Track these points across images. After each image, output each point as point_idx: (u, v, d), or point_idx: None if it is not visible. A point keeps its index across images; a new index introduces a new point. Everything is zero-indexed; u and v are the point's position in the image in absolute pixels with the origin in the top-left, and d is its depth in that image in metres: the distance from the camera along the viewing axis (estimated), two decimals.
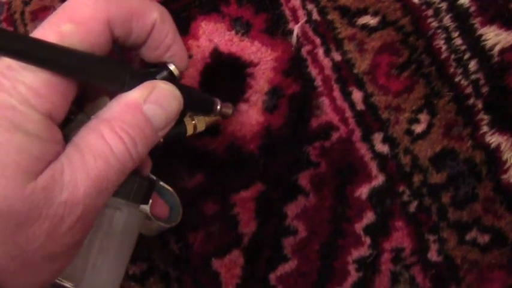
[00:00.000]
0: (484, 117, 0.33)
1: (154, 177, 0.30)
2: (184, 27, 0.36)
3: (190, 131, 0.29)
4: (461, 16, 0.34)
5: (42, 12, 0.40)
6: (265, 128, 0.35)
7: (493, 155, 0.33)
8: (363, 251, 0.33)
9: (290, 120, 0.35)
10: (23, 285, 0.21)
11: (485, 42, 0.33)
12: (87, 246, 0.24)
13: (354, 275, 0.33)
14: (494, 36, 0.33)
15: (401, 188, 0.33)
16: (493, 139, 0.33)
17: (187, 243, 0.35)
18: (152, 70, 0.25)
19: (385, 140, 0.34)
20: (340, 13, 0.35)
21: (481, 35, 0.33)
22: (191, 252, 0.35)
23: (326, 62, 0.35)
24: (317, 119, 0.35)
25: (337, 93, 0.35)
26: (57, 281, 0.24)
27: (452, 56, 0.34)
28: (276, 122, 0.35)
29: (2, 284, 0.20)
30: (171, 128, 0.24)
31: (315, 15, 0.35)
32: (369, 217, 0.34)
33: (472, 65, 0.33)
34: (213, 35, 0.36)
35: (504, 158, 0.32)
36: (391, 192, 0.33)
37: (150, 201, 0.27)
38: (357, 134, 0.34)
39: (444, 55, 0.34)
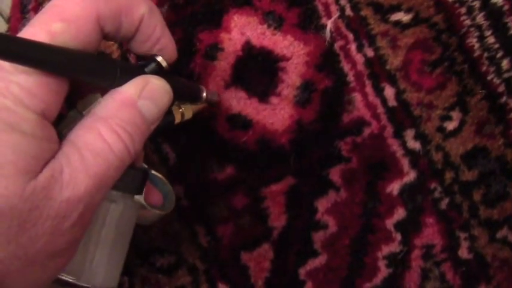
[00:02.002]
0: None
1: (145, 166, 0.30)
2: (217, 19, 0.36)
3: (178, 119, 0.29)
4: (494, 15, 0.34)
5: None
6: (297, 122, 0.35)
7: None
8: (393, 247, 0.33)
9: (322, 115, 0.35)
10: (28, 283, 0.21)
11: None
12: (84, 240, 0.24)
13: (384, 271, 0.33)
14: None
15: (432, 185, 0.33)
16: None
17: (216, 236, 0.35)
18: (141, 63, 0.25)
19: (417, 137, 0.34)
20: (373, 9, 0.35)
21: None
22: (220, 246, 0.35)
23: (358, 58, 0.35)
24: (349, 115, 0.35)
25: (369, 89, 0.35)
26: (59, 276, 0.24)
27: (485, 55, 0.34)
28: (308, 116, 0.35)
29: (7, 283, 0.20)
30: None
31: (348, 11, 0.35)
32: (400, 213, 0.34)
33: (505, 63, 0.33)
34: (245, 28, 0.36)
35: None
36: (423, 188, 0.33)
37: (144, 190, 0.27)
38: (389, 130, 0.34)
39: (477, 53, 0.34)
